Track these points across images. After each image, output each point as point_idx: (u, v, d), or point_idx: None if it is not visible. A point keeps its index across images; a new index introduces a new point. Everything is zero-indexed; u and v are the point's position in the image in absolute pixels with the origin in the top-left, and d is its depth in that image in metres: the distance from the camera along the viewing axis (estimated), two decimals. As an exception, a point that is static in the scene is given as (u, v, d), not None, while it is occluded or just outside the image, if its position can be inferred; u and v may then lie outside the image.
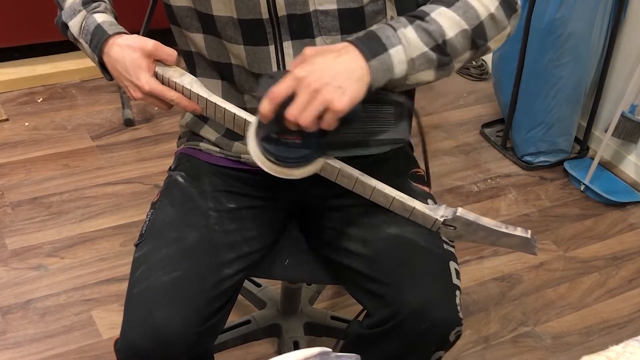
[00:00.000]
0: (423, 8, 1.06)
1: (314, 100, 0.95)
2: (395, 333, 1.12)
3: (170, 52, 1.10)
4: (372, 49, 0.99)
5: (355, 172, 1.12)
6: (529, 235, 1.14)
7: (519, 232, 1.14)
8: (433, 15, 1.04)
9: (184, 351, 1.08)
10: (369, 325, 1.16)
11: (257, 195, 1.26)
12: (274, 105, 0.97)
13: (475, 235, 1.17)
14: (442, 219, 1.14)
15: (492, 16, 1.07)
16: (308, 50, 0.99)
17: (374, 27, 1.03)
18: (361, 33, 1.03)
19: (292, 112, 0.95)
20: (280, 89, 0.97)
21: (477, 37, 1.06)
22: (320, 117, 0.96)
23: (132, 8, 2.43)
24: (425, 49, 1.02)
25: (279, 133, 1.02)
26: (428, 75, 1.05)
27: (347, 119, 0.98)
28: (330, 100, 0.94)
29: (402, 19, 1.04)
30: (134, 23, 2.39)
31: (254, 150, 1.06)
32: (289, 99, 0.96)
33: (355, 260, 1.18)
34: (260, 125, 1.04)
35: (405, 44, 1.01)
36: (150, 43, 1.09)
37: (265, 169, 1.06)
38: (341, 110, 0.95)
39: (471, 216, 1.14)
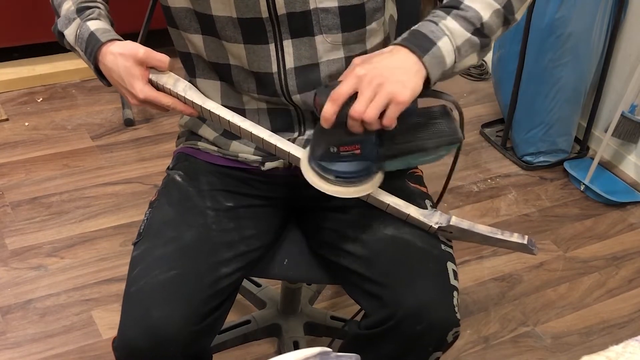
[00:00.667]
0: None
1: (377, 94, 0.97)
2: (392, 334, 1.12)
3: (161, 59, 1.09)
4: (421, 45, 1.02)
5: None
6: (525, 242, 1.14)
7: (515, 238, 1.14)
8: (466, 2, 1.07)
9: (181, 349, 1.08)
10: (366, 325, 1.16)
11: (255, 195, 1.26)
12: (337, 106, 0.98)
13: (472, 239, 1.18)
14: (436, 226, 1.15)
15: None
16: (357, 59, 1.02)
17: (415, 27, 1.06)
18: (404, 34, 1.05)
19: (357, 109, 0.97)
20: (342, 89, 0.99)
21: (507, 13, 1.09)
22: (382, 114, 0.98)
23: (132, 9, 2.43)
24: (468, 35, 1.05)
25: (338, 145, 1.02)
26: (472, 59, 1.08)
27: (405, 116, 1.00)
28: (393, 93, 0.97)
29: (439, 12, 1.07)
30: (134, 24, 2.40)
31: (309, 174, 1.06)
32: (351, 99, 0.98)
33: (352, 260, 1.18)
34: (316, 143, 1.05)
35: (449, 34, 1.04)
36: (141, 50, 1.09)
37: (326, 192, 1.06)
38: (404, 102, 0.98)
39: (465, 224, 1.14)
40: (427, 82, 1.02)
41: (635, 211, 2.36)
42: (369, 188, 1.08)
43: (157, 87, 1.11)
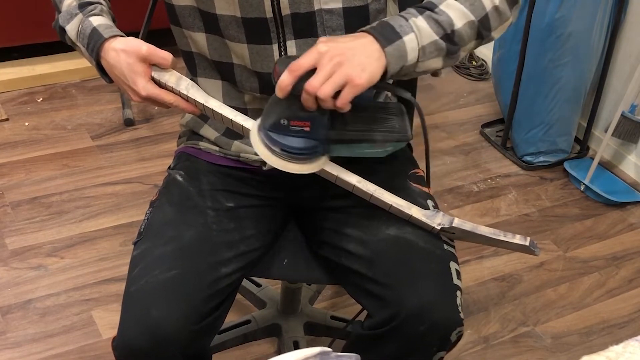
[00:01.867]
0: (432, 0, 1.09)
1: (335, 73, 0.97)
2: (395, 334, 1.12)
3: (164, 56, 1.09)
4: (387, 36, 1.02)
5: (353, 180, 1.12)
6: (527, 243, 1.14)
7: (517, 239, 1.14)
8: (442, 7, 1.07)
9: (181, 349, 1.08)
10: (369, 326, 1.16)
11: (255, 195, 1.26)
12: (295, 77, 0.98)
13: (475, 240, 1.17)
14: (439, 227, 1.15)
15: (496, 8, 1.10)
16: (323, 38, 1.02)
17: (385, 19, 1.06)
18: (374, 24, 1.05)
19: (313, 83, 0.97)
20: (302, 61, 0.99)
21: (482, 28, 1.10)
22: (335, 95, 0.98)
23: (132, 8, 2.43)
24: (436, 37, 1.06)
25: (289, 119, 1.03)
26: (436, 62, 1.08)
27: (359, 102, 1.00)
28: (351, 75, 0.97)
29: (412, 10, 1.07)
30: (134, 23, 2.40)
31: (257, 143, 1.06)
32: (309, 74, 0.98)
33: (354, 261, 1.18)
34: (268, 113, 1.05)
35: (417, 32, 1.04)
36: (144, 47, 1.08)
37: (269, 162, 1.06)
38: (360, 85, 0.98)
39: (468, 226, 1.14)
40: (385, 74, 1.03)
41: (635, 211, 2.36)
42: (311, 168, 1.08)
43: (160, 85, 1.11)
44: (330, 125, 1.05)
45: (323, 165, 1.10)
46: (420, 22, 1.05)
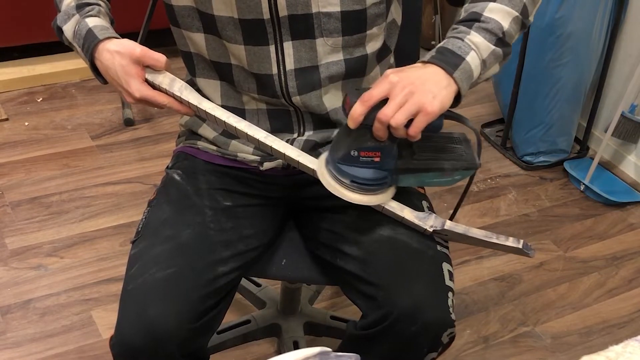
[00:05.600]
0: (474, 9, 1.10)
1: (407, 102, 0.99)
2: (387, 335, 1.12)
3: (157, 58, 1.09)
4: (451, 62, 1.05)
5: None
6: (520, 246, 1.14)
7: (510, 242, 1.14)
8: (486, 13, 1.09)
9: (178, 347, 1.08)
10: (362, 326, 1.16)
11: (253, 194, 1.26)
12: (367, 107, 1.00)
13: (469, 241, 1.18)
14: (431, 229, 1.15)
15: None
16: (390, 70, 1.04)
17: (441, 44, 1.08)
18: (432, 52, 1.07)
19: (386, 112, 0.99)
20: (374, 92, 1.01)
21: (524, 18, 1.12)
22: (407, 125, 1.00)
23: (132, 8, 2.43)
24: (492, 47, 1.09)
25: (359, 149, 1.04)
26: (495, 69, 1.12)
27: (429, 131, 1.02)
28: (423, 103, 0.99)
29: (462, 27, 1.09)
30: (134, 23, 2.40)
31: (326, 179, 1.08)
32: (379, 104, 1.00)
33: (349, 261, 1.18)
34: (337, 145, 1.06)
35: (475, 49, 1.07)
36: (137, 49, 1.09)
37: (340, 196, 1.07)
38: (433, 112, 1.00)
39: (460, 228, 1.14)
40: (457, 96, 1.05)
41: (635, 211, 2.36)
42: (380, 199, 1.10)
43: (154, 86, 1.11)
44: (399, 155, 1.06)
45: (391, 195, 1.11)
46: (474, 37, 1.07)
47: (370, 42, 1.18)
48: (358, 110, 1.00)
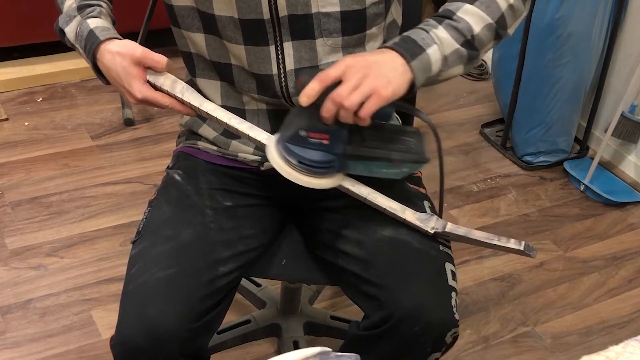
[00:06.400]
0: (448, 7, 1.11)
1: (361, 84, 0.99)
2: (390, 335, 1.12)
3: (158, 59, 1.09)
4: (411, 50, 1.04)
5: (347, 183, 1.13)
6: (522, 247, 1.13)
7: (512, 243, 1.14)
8: (459, 13, 1.09)
9: (178, 347, 1.08)
10: (365, 327, 1.16)
11: (253, 194, 1.26)
12: (323, 86, 1.00)
13: (471, 242, 1.18)
14: (432, 231, 1.15)
15: (511, 6, 1.12)
16: (348, 55, 1.04)
17: (406, 33, 1.08)
18: (395, 39, 1.07)
19: (339, 92, 0.99)
20: (330, 71, 1.01)
21: (500, 28, 1.12)
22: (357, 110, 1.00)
23: (132, 8, 2.43)
24: (457, 45, 1.08)
25: (309, 130, 1.03)
26: (458, 69, 1.11)
27: (380, 117, 1.02)
28: (377, 86, 0.99)
29: (431, 21, 1.09)
30: (134, 23, 2.40)
31: (273, 155, 1.07)
32: (333, 86, 1.00)
33: (350, 262, 1.18)
34: (287, 125, 1.06)
35: (439, 43, 1.07)
36: (138, 50, 1.09)
37: (284, 174, 1.07)
38: (386, 97, 1.00)
39: (461, 230, 1.14)
40: (411, 86, 1.05)
41: (635, 211, 2.36)
42: (327, 184, 1.09)
43: (155, 88, 1.11)
44: (348, 141, 1.06)
45: (340, 181, 1.11)
46: (440, 32, 1.07)
47: (370, 42, 1.18)
48: (314, 87, 1.00)
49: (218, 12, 1.12)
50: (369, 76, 1.00)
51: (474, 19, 1.09)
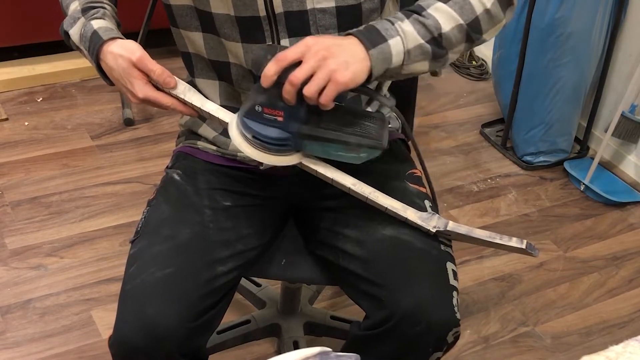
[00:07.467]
0: (420, 3, 1.10)
1: (319, 68, 0.98)
2: (391, 335, 1.12)
3: (152, 68, 1.08)
4: (372, 39, 1.03)
5: (348, 182, 1.12)
6: (524, 246, 1.13)
7: (514, 242, 1.14)
8: (429, 10, 1.08)
9: (176, 347, 1.08)
10: (366, 327, 1.16)
11: (253, 194, 1.26)
12: (280, 68, 1.00)
13: (472, 241, 1.17)
14: (434, 230, 1.15)
15: (487, 11, 1.10)
16: (310, 37, 1.03)
17: (372, 22, 1.07)
18: (361, 27, 1.06)
19: (297, 74, 0.98)
20: (288, 53, 1.00)
21: (472, 31, 1.10)
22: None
23: (132, 8, 2.43)
24: (422, 41, 1.06)
25: (264, 105, 1.03)
26: (423, 65, 1.08)
27: (338, 103, 1.01)
28: (335, 71, 0.98)
29: (400, 14, 1.08)
30: (134, 23, 2.40)
31: (233, 130, 1.07)
32: (293, 66, 0.99)
33: (351, 261, 1.18)
34: (247, 100, 1.06)
35: (402, 36, 1.05)
36: (136, 54, 1.08)
37: (240, 149, 1.07)
38: (343, 83, 0.99)
39: (463, 229, 1.14)
40: (369, 76, 1.03)
41: (635, 211, 2.36)
42: (282, 161, 1.08)
43: (157, 87, 1.11)
44: (305, 120, 1.05)
45: (296, 160, 1.10)
46: (406, 25, 1.06)
47: None
48: (271, 69, 0.99)
49: (215, 10, 1.12)
50: (327, 59, 0.99)
51: (444, 17, 1.07)
